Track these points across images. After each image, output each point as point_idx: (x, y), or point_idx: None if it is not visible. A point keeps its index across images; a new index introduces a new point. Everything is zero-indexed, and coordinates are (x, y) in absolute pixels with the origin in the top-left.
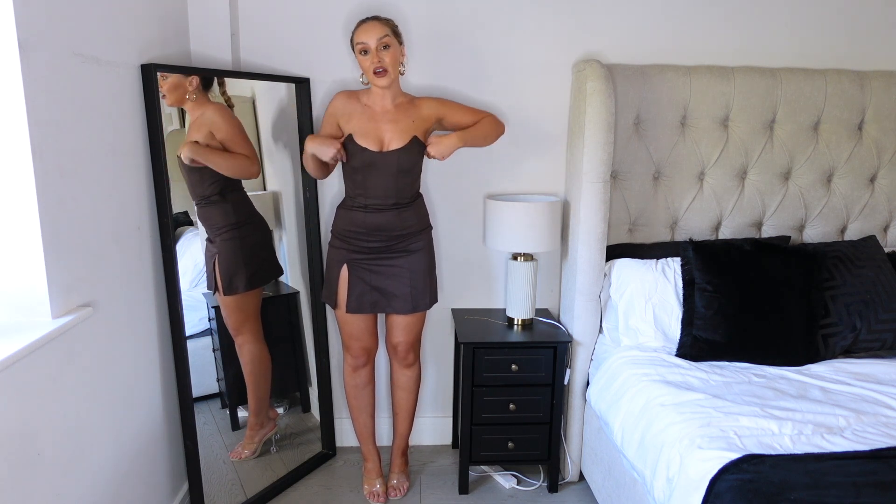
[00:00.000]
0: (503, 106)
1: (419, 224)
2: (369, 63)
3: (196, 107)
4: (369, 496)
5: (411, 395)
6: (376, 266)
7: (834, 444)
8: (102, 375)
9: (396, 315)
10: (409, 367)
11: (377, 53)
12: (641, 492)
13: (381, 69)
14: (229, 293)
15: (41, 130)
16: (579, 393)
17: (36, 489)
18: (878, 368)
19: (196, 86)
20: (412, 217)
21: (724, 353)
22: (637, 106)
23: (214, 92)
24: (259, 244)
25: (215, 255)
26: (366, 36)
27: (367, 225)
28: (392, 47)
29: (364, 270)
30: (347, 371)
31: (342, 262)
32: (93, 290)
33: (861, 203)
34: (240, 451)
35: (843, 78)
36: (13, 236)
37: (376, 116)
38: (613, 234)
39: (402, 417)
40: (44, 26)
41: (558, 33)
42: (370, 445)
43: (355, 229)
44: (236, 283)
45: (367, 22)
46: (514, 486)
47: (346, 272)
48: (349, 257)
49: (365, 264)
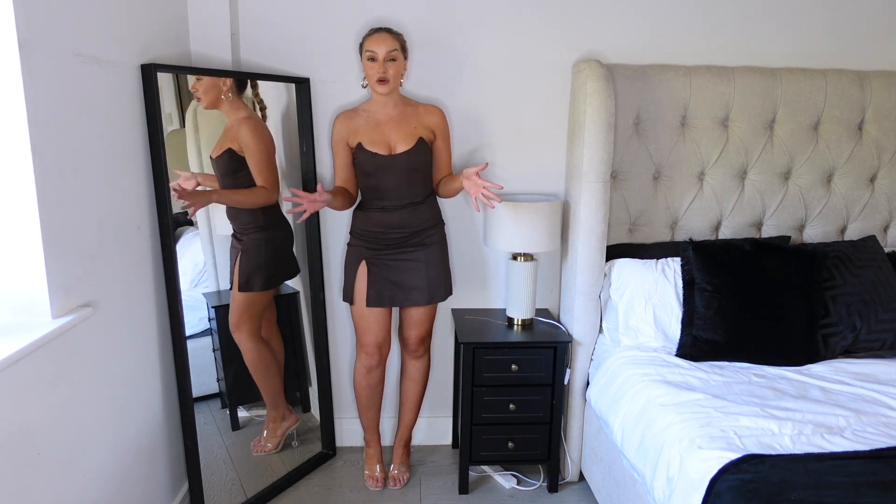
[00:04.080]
0: (503, 106)
1: (433, 219)
2: (374, 71)
3: (231, 110)
4: (368, 480)
5: (419, 385)
6: (393, 261)
7: (834, 444)
8: (102, 375)
9: (412, 308)
10: (419, 359)
11: (383, 64)
12: (641, 492)
13: (384, 79)
14: (245, 290)
15: (41, 130)
16: (579, 393)
17: (36, 489)
18: (878, 368)
19: (230, 86)
20: (427, 213)
21: (724, 353)
22: (637, 106)
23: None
24: (282, 247)
25: (240, 251)
26: (376, 46)
27: (386, 223)
28: (398, 61)
29: (382, 266)
30: (360, 372)
31: (360, 258)
32: (93, 290)
33: (861, 203)
34: (263, 445)
35: (843, 78)
36: (13, 236)
37: (380, 123)
38: (613, 234)
39: (409, 408)
40: (44, 26)
41: (558, 33)
42: (374, 434)
43: (374, 228)
44: (253, 282)
45: (379, 32)
46: (514, 486)
47: (364, 268)
48: (367, 254)
49: (383, 260)
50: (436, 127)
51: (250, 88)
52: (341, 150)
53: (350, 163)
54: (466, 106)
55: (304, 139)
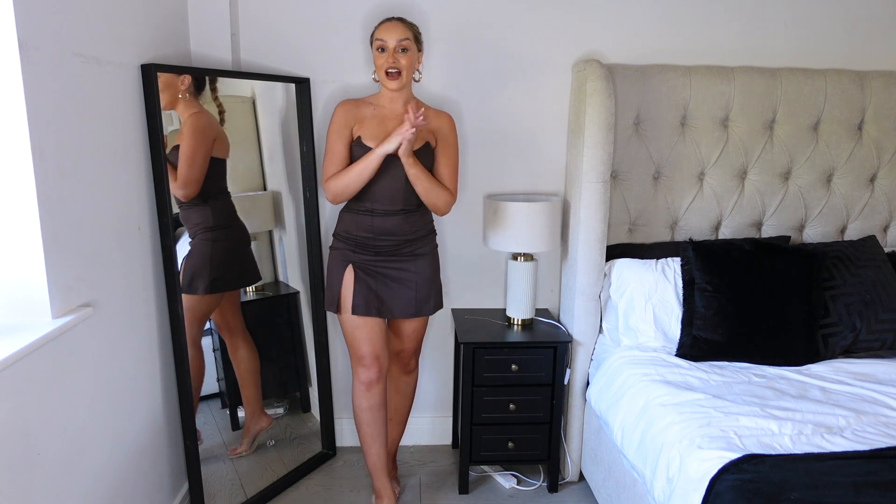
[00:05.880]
0: (503, 106)
1: (426, 228)
2: (384, 62)
3: (185, 109)
4: None
5: (408, 400)
6: (382, 269)
7: (834, 444)
8: (102, 375)
9: (401, 320)
10: (409, 374)
11: (394, 54)
12: (641, 492)
13: (395, 70)
14: (188, 292)
15: (41, 130)
16: (579, 393)
17: (36, 489)
18: (878, 368)
19: (188, 85)
20: (419, 222)
21: (724, 353)
22: (637, 106)
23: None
24: (233, 250)
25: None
26: (386, 34)
27: (374, 229)
28: (410, 52)
29: (369, 273)
30: (359, 391)
31: (346, 262)
32: (93, 290)
33: (861, 203)
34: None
35: (843, 78)
36: (13, 236)
37: (386, 119)
38: (613, 234)
39: (397, 422)
40: (44, 26)
41: (558, 33)
42: (384, 479)
43: (362, 233)
44: (196, 284)
45: (390, 21)
46: (514, 486)
47: (350, 274)
48: (354, 258)
49: (370, 266)
50: (442, 134)
51: (209, 91)
52: (343, 137)
53: (349, 154)
54: (466, 106)
55: (304, 139)
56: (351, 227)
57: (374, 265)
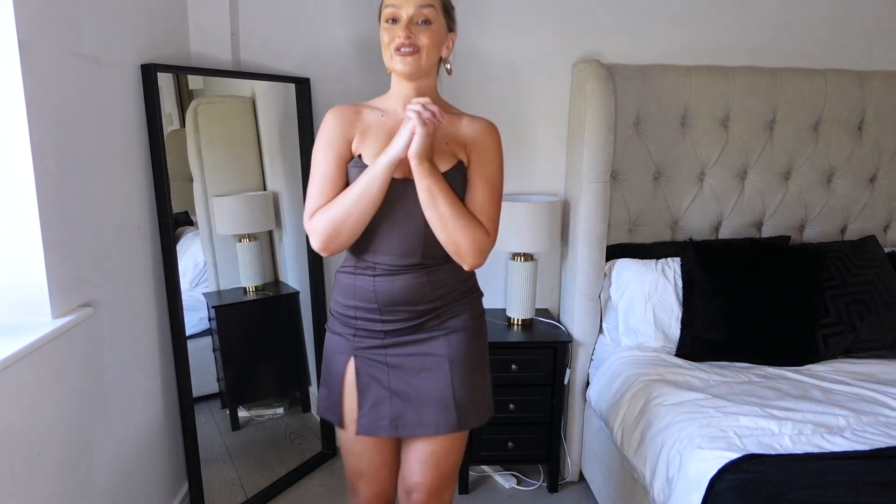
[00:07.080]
0: (503, 106)
1: (461, 287)
2: (393, 36)
3: None
4: None
5: None
6: (398, 358)
7: (834, 444)
8: (102, 375)
9: (424, 439)
10: None
11: (408, 26)
12: (641, 492)
13: (409, 48)
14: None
15: (41, 130)
16: (579, 393)
17: (36, 489)
18: (878, 368)
19: None
20: (451, 278)
21: (724, 353)
22: (637, 106)
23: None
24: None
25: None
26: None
27: (383, 296)
28: (435, 26)
29: (379, 368)
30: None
31: (346, 354)
32: (93, 290)
33: (861, 203)
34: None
35: (843, 78)
36: (13, 236)
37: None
38: (613, 234)
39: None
40: (44, 26)
41: (558, 33)
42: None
43: (362, 304)
44: None
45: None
46: (514, 486)
47: (352, 370)
48: (356, 346)
49: (381, 357)
50: (478, 148)
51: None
52: (336, 155)
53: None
54: (466, 106)
55: (304, 140)
56: (347, 296)
57: (388, 355)
